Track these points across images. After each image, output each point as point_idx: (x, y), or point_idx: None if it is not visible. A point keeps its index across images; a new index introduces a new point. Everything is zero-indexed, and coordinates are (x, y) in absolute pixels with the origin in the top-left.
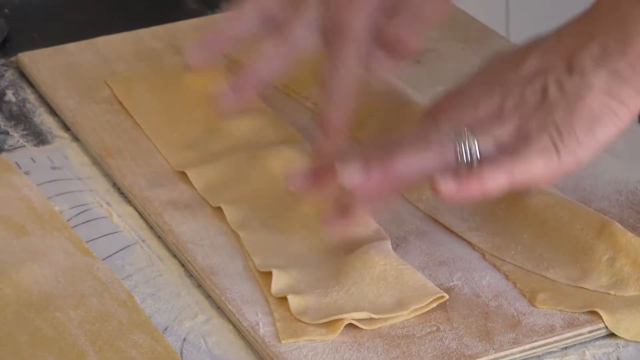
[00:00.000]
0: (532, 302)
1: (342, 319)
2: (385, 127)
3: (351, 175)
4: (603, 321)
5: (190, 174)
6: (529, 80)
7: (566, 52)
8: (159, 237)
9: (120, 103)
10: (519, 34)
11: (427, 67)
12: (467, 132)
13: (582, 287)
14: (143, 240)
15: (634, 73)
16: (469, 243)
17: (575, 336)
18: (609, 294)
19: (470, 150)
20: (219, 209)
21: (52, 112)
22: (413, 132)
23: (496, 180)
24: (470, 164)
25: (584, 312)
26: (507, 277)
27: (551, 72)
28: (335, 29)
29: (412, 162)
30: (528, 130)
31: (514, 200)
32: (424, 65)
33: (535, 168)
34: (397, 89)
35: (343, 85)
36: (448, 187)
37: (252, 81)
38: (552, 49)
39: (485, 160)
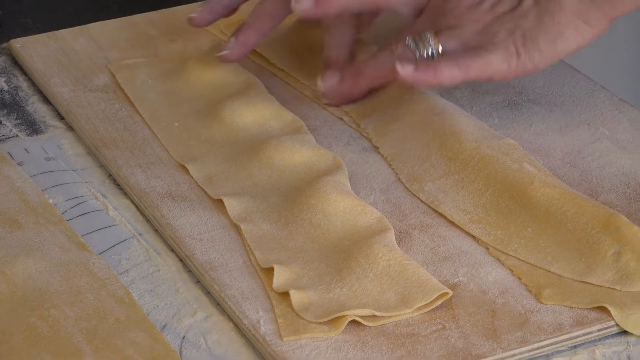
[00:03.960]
0: (538, 297)
1: (345, 316)
2: (391, 117)
3: (328, 79)
4: (612, 318)
5: (190, 165)
6: None
7: None
8: (156, 230)
9: (115, 91)
10: None
11: None
12: (428, 34)
13: (588, 283)
14: (140, 234)
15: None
16: (474, 238)
17: (584, 334)
18: (614, 289)
19: (429, 47)
20: (218, 201)
21: (46, 100)
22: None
23: (451, 73)
24: (430, 59)
25: (592, 310)
26: (512, 271)
27: None
28: None
29: (378, 66)
30: (495, 32)
31: (517, 192)
32: None
33: (494, 67)
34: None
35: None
36: (405, 70)
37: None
38: None
39: (446, 56)
